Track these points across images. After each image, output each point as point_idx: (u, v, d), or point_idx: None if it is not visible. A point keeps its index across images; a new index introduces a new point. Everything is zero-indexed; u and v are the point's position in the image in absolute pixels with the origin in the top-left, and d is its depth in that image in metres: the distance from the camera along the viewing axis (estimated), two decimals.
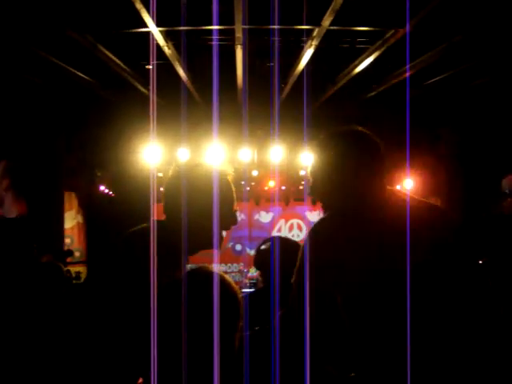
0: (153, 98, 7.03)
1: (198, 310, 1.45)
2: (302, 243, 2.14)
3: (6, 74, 6.97)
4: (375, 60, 6.75)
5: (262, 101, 8.40)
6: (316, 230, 2.04)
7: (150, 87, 7.95)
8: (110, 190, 13.62)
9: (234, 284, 1.62)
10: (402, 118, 3.73)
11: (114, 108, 9.19)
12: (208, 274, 1.55)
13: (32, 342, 2.23)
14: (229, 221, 2.19)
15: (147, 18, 5.40)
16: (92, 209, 13.16)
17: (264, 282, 3.14)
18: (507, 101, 7.58)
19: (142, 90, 8.22)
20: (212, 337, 1.42)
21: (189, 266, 1.95)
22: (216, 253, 2.12)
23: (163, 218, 2.16)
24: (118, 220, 14.20)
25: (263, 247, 3.20)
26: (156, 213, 2.19)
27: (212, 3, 4.75)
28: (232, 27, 5.72)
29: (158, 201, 2.27)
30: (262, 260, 3.14)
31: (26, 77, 7.23)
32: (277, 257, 2.79)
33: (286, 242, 3.04)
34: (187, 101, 8.35)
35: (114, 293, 1.97)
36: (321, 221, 2.07)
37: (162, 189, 2.23)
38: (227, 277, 1.62)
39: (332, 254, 1.89)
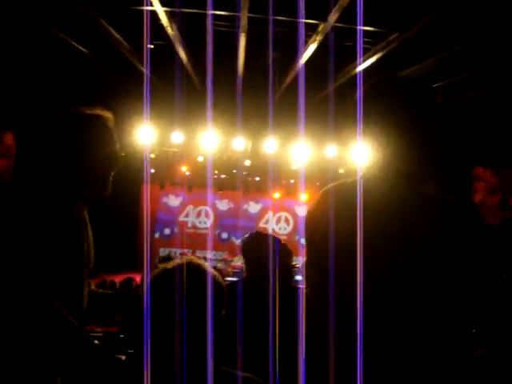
0: (147, 73, 6.87)
1: (191, 300, 1.51)
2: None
3: (6, 42, 6.89)
4: (377, 61, 6.75)
5: (260, 92, 8.37)
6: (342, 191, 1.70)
7: (145, 64, 7.75)
8: None
9: (218, 275, 1.65)
10: None
11: (110, 85, 9.05)
12: (200, 266, 1.60)
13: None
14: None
15: None
16: None
17: (247, 271, 3.16)
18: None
19: (141, 68, 8.08)
20: (204, 325, 1.50)
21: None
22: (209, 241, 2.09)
23: None
24: (107, 200, 14.10)
25: (248, 237, 3.28)
26: (148, 193, 2.18)
27: None
28: (238, 14, 5.70)
29: (150, 182, 2.25)
30: (246, 249, 3.18)
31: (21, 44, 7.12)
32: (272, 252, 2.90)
33: (274, 240, 3.11)
34: (186, 86, 8.28)
35: None
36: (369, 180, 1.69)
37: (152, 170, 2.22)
38: (211, 269, 1.65)
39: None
